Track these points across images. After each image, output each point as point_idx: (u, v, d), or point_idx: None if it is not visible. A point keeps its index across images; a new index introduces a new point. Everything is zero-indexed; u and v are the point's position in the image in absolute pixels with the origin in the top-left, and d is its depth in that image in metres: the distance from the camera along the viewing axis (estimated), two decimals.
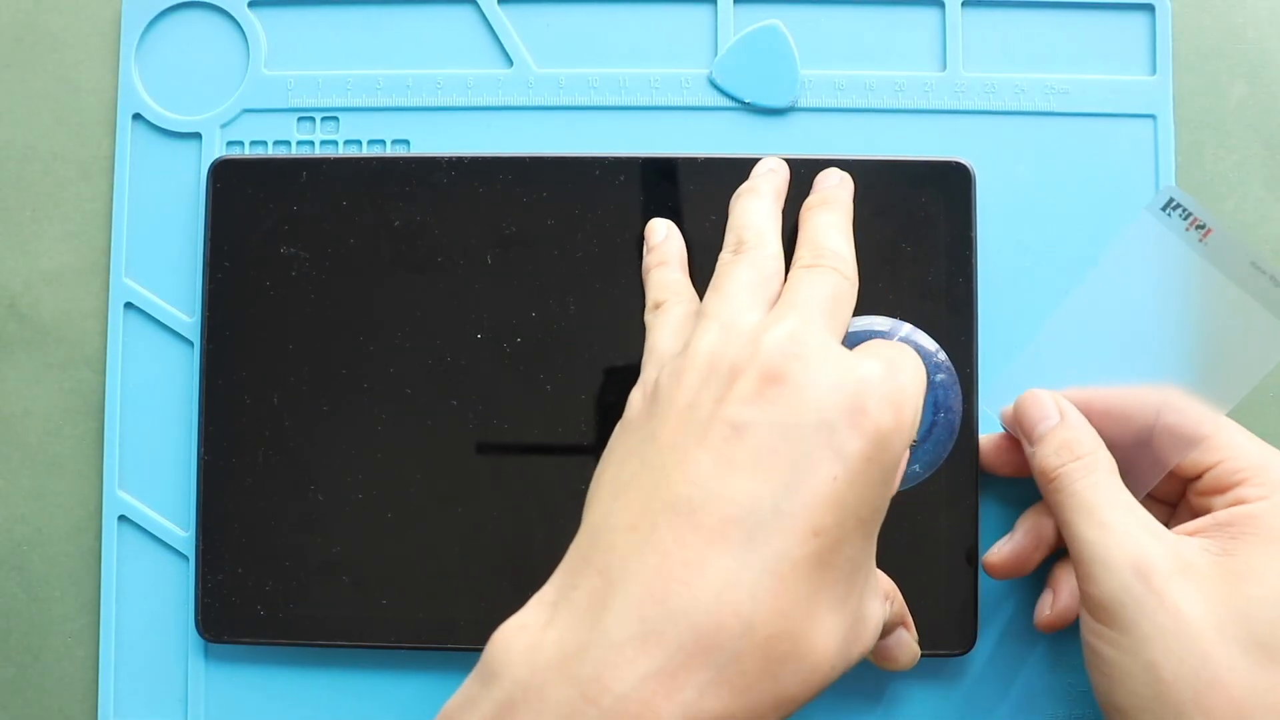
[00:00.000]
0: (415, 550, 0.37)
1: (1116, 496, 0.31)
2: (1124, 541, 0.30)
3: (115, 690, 0.38)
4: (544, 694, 0.24)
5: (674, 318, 0.32)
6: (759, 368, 0.27)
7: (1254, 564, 0.29)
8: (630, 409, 0.30)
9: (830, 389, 0.27)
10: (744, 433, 0.26)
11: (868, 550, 0.27)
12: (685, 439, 0.27)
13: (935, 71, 0.39)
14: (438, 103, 0.39)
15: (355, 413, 0.37)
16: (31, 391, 0.39)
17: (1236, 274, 0.30)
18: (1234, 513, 0.31)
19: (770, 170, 0.35)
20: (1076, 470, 0.32)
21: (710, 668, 0.24)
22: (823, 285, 0.30)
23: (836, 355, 0.28)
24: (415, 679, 0.38)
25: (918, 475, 0.35)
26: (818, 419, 0.26)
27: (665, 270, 0.35)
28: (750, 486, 0.26)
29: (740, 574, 0.25)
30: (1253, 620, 0.29)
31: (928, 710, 0.37)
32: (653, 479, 0.27)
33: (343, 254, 0.38)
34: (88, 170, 0.40)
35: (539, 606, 0.27)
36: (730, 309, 0.30)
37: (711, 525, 0.25)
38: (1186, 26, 0.39)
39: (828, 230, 0.32)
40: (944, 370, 0.34)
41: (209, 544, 0.37)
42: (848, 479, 0.26)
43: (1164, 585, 0.29)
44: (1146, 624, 0.29)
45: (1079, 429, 0.33)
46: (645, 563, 0.25)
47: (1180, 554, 0.30)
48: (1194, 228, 0.31)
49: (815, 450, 0.26)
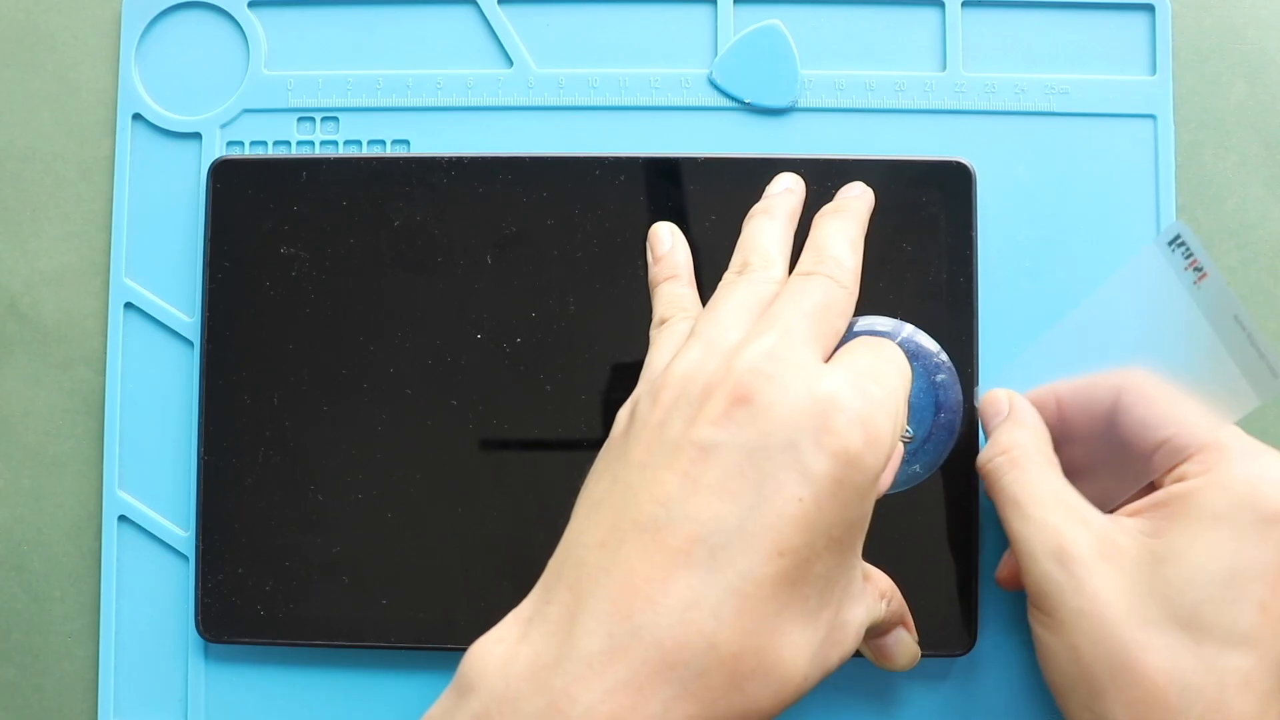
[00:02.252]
0: (415, 550, 0.37)
1: (1042, 489, 0.32)
2: (1045, 531, 0.31)
3: (115, 690, 0.38)
4: (517, 706, 0.25)
5: (676, 335, 0.32)
6: (729, 388, 0.27)
7: (1178, 544, 0.30)
8: (615, 426, 0.30)
9: (797, 409, 0.27)
10: (711, 454, 0.26)
11: (845, 563, 0.28)
12: (655, 459, 0.27)
13: (935, 71, 0.39)
14: (438, 103, 0.39)
15: (355, 412, 0.37)
16: (31, 391, 0.39)
17: (1220, 324, 0.30)
18: (1171, 491, 0.31)
19: (786, 190, 0.35)
20: (1004, 464, 0.33)
21: (675, 683, 0.25)
22: (812, 295, 0.30)
23: (808, 373, 0.27)
24: (415, 679, 0.38)
25: (918, 475, 0.35)
26: (783, 439, 0.26)
27: (673, 285, 0.35)
28: (715, 507, 0.26)
29: (704, 592, 0.25)
30: (1172, 601, 0.29)
31: (928, 710, 0.37)
32: (623, 497, 0.27)
33: (343, 254, 0.38)
34: (88, 170, 0.40)
35: (515, 621, 0.27)
36: (717, 329, 0.30)
37: (676, 544, 0.26)
38: (1186, 26, 0.39)
39: (833, 236, 0.32)
40: (944, 370, 0.34)
41: (209, 544, 0.37)
42: (814, 499, 0.26)
43: (1082, 571, 0.30)
44: (1066, 609, 0.30)
45: (1018, 424, 0.34)
46: (612, 579, 0.26)
47: (1109, 538, 0.31)
48: (1192, 269, 0.31)
49: (780, 471, 0.26)
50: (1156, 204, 0.38)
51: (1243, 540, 0.29)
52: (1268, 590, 0.29)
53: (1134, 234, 0.38)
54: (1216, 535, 0.29)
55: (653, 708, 0.25)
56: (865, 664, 0.34)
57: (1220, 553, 0.29)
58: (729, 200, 0.37)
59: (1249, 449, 0.31)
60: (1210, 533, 0.30)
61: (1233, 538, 0.29)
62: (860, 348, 0.29)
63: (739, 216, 0.36)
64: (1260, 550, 0.29)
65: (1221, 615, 0.29)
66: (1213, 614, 0.29)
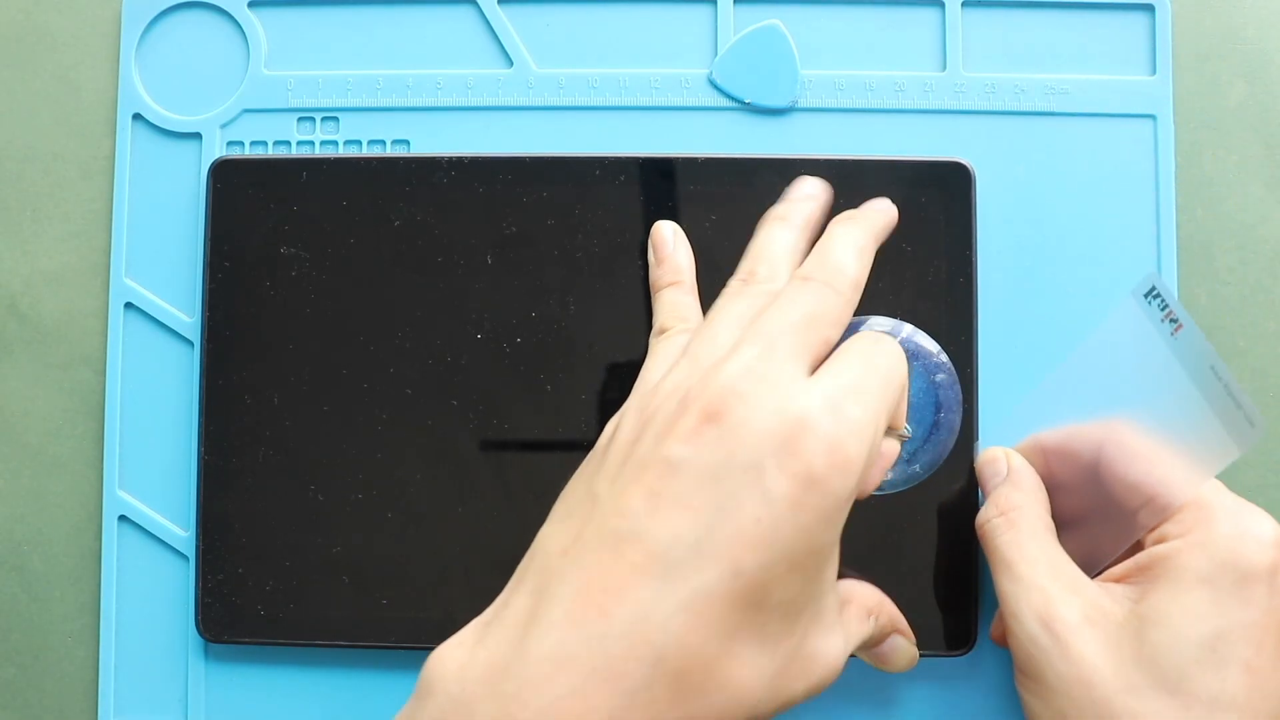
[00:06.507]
0: (415, 550, 0.37)
1: (1034, 551, 0.32)
2: (1033, 594, 0.31)
3: (115, 690, 0.38)
4: (471, 710, 0.25)
5: (674, 347, 0.32)
6: (702, 405, 0.27)
7: (1161, 609, 0.30)
8: (602, 437, 0.30)
9: (765, 429, 0.26)
10: (677, 471, 0.27)
11: (810, 592, 0.27)
12: (626, 472, 0.27)
13: (935, 71, 0.39)
14: (438, 103, 0.39)
15: (355, 413, 0.37)
16: (31, 391, 0.39)
17: (1197, 375, 0.30)
18: (1153, 553, 0.31)
19: (808, 196, 0.35)
20: (1000, 525, 0.33)
21: (621, 694, 0.25)
22: (802, 304, 0.30)
23: (783, 392, 0.27)
24: (415, 679, 0.38)
25: (917, 475, 0.35)
26: (747, 459, 0.26)
27: (675, 292, 0.35)
28: (675, 523, 0.26)
29: (656, 606, 0.25)
30: (1157, 666, 0.29)
31: (928, 710, 0.37)
32: (591, 507, 0.27)
33: (343, 254, 0.38)
34: (88, 170, 0.40)
35: (475, 627, 0.28)
36: (708, 346, 0.30)
37: (634, 558, 0.26)
38: (1186, 26, 0.39)
39: (839, 243, 0.32)
40: (944, 370, 0.34)
41: (209, 544, 0.37)
42: (772, 521, 0.26)
43: (1068, 636, 0.30)
44: (1052, 674, 0.30)
45: (1016, 485, 0.34)
46: (570, 587, 0.26)
47: (1096, 604, 0.31)
48: (1168, 320, 0.30)
49: (741, 491, 0.26)
50: (1156, 204, 0.38)
51: (1224, 602, 0.29)
52: (1253, 650, 0.29)
53: (1134, 234, 0.38)
54: (1198, 598, 0.29)
55: (599, 717, 0.25)
56: (865, 664, 0.34)
57: (1202, 616, 0.29)
58: (729, 200, 0.37)
59: (1229, 506, 0.31)
60: (1191, 596, 0.29)
61: (1214, 600, 0.29)
62: (853, 356, 0.29)
63: (739, 217, 0.36)
64: (1244, 611, 0.29)
65: (1207, 679, 0.29)
66: (1198, 678, 0.29)
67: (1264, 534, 0.30)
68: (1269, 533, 0.30)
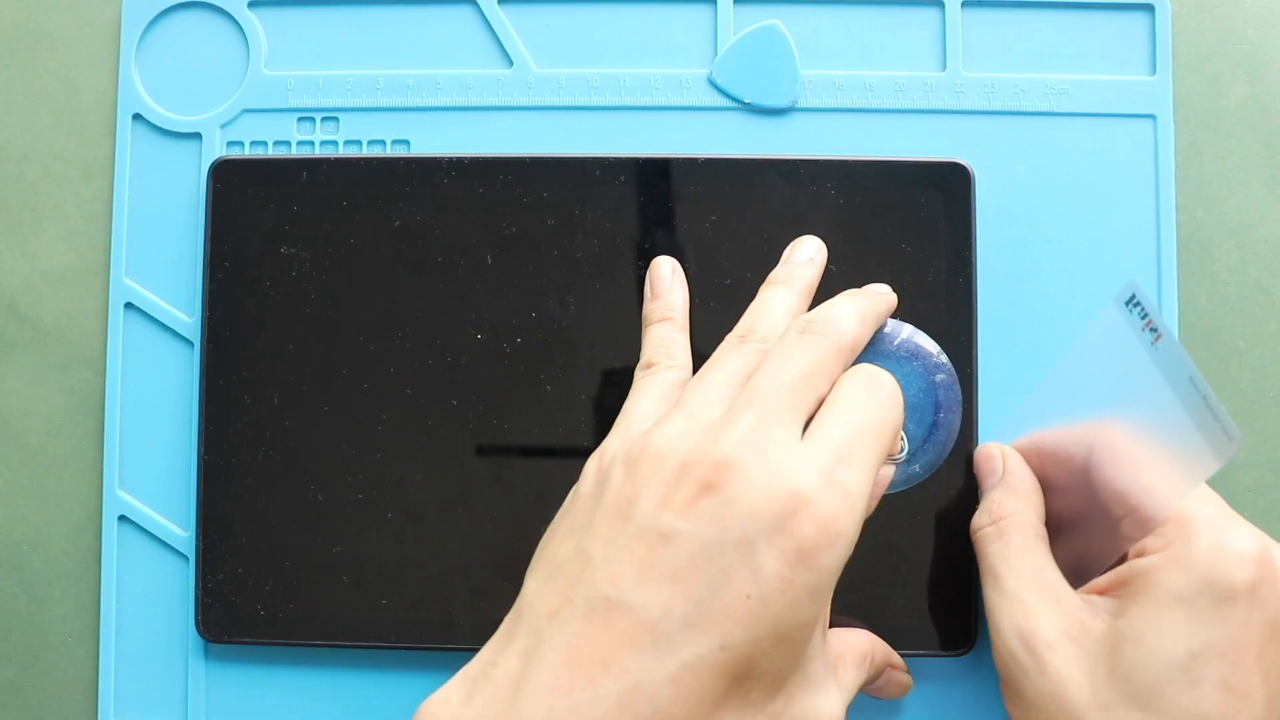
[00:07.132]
0: (415, 550, 0.37)
1: (1020, 563, 0.32)
2: (1015, 607, 0.31)
3: (115, 690, 0.38)
4: None
5: (660, 384, 0.32)
6: (699, 475, 0.27)
7: (1138, 625, 0.30)
8: (584, 481, 0.30)
9: (758, 504, 0.26)
10: (670, 542, 0.27)
11: (796, 659, 0.27)
12: (619, 537, 0.27)
13: (935, 71, 0.39)
14: (438, 103, 0.39)
15: (355, 413, 0.37)
16: (31, 391, 0.39)
17: (1177, 385, 0.29)
18: (1134, 567, 0.31)
19: (809, 260, 0.35)
20: (991, 534, 0.33)
21: None
22: (796, 361, 0.29)
23: (776, 465, 0.27)
24: (415, 679, 0.38)
25: (917, 475, 0.35)
26: (739, 535, 0.26)
27: (665, 329, 0.34)
28: (665, 596, 0.26)
29: (644, 677, 0.26)
30: (1132, 684, 0.29)
31: (927, 710, 0.37)
32: (581, 569, 0.27)
33: (343, 254, 0.38)
34: (88, 170, 0.40)
35: (463, 681, 0.28)
36: (700, 402, 0.29)
37: (623, 628, 0.26)
38: (1186, 26, 0.39)
39: (842, 304, 0.32)
40: (944, 370, 0.34)
41: (209, 544, 0.37)
42: (761, 598, 0.26)
43: (1045, 652, 0.30)
44: (1030, 689, 0.31)
45: (1011, 491, 0.34)
46: (559, 653, 0.26)
47: (1076, 619, 0.31)
48: (1148, 329, 0.30)
49: (732, 567, 0.26)
50: (1156, 204, 0.38)
51: (1201, 620, 0.29)
52: (1230, 668, 0.29)
53: (1134, 234, 0.38)
54: (1175, 616, 0.29)
55: None
56: None
57: (1179, 634, 0.29)
58: (729, 200, 0.37)
59: (1210, 520, 0.30)
60: (1168, 613, 0.29)
61: (1191, 618, 0.29)
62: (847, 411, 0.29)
63: (739, 217, 0.36)
64: (1221, 628, 0.29)
65: (1183, 698, 0.29)
66: (1174, 696, 0.29)
67: (1245, 549, 0.29)
68: (1250, 548, 0.29)
